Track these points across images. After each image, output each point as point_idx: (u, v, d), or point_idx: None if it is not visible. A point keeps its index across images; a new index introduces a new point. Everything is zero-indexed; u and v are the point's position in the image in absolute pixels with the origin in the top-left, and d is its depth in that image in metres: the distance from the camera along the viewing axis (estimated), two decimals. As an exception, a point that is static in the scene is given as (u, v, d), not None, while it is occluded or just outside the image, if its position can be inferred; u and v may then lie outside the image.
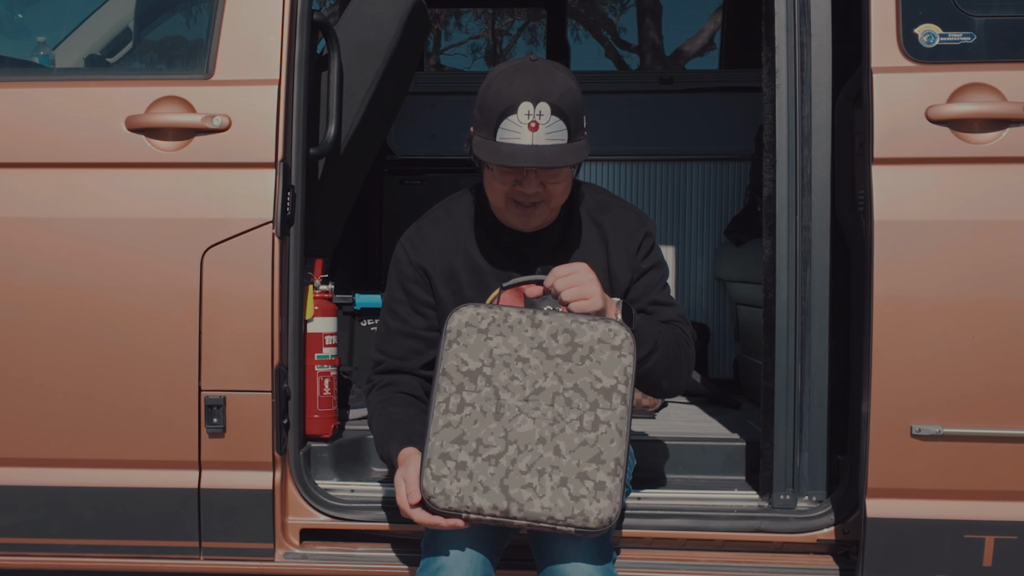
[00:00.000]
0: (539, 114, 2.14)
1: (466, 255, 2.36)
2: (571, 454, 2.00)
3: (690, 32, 11.44)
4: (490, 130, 2.18)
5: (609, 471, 1.99)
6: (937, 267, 2.45)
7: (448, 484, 2.00)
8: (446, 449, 2.02)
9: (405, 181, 4.44)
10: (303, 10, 2.65)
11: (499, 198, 2.26)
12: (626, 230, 2.38)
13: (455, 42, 14.03)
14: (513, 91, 2.15)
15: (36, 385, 2.61)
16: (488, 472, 2.00)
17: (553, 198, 2.25)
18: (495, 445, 2.02)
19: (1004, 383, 2.44)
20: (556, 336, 2.06)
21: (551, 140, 2.15)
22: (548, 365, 2.05)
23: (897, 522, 2.49)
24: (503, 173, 2.21)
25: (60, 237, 2.60)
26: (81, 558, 2.67)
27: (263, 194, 2.59)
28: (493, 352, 2.06)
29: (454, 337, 2.09)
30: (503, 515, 1.98)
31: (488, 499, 1.98)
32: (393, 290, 2.40)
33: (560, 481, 1.98)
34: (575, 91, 2.19)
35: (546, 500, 1.98)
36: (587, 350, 2.05)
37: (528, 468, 2.00)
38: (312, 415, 2.83)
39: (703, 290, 4.39)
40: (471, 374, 2.06)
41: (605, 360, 2.05)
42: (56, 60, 2.94)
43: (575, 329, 2.07)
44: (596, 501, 1.97)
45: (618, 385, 2.04)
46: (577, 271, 2.13)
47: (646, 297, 2.37)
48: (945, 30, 2.49)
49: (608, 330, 2.06)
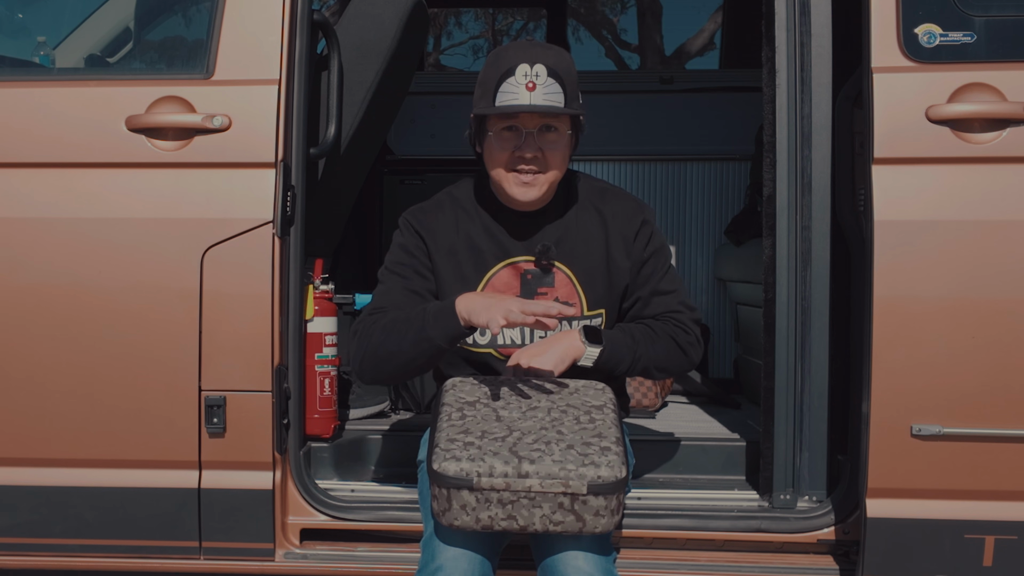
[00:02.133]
0: (536, 75, 2.22)
1: (467, 236, 2.39)
2: (573, 434, 2.09)
3: (690, 32, 11.41)
4: (489, 97, 2.24)
5: (612, 441, 2.08)
6: (937, 267, 2.45)
7: (458, 451, 2.04)
8: (453, 436, 2.08)
9: (405, 181, 4.44)
10: (303, 10, 2.65)
11: (499, 168, 2.30)
12: (624, 216, 2.41)
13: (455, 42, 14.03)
14: (510, 56, 2.25)
15: (36, 385, 2.61)
16: (497, 444, 2.05)
17: (551, 166, 2.30)
18: (499, 432, 2.09)
19: (1004, 383, 2.44)
20: (544, 385, 2.26)
21: (548, 100, 2.23)
22: (540, 396, 2.21)
23: (897, 522, 2.49)
24: (503, 139, 2.26)
25: (60, 237, 2.60)
26: (81, 558, 2.67)
27: (263, 194, 2.59)
28: (488, 392, 2.22)
29: (450, 387, 2.26)
30: (515, 472, 1.99)
31: (500, 459, 2.01)
32: (394, 254, 2.43)
33: (567, 446, 2.05)
34: (570, 61, 2.29)
35: (556, 456, 2.02)
36: (573, 389, 2.25)
37: (535, 441, 2.07)
38: (312, 415, 2.83)
39: (703, 290, 4.39)
40: (470, 403, 2.19)
41: (591, 394, 2.24)
42: (56, 60, 2.93)
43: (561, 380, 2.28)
44: (604, 455, 2.04)
45: (606, 405, 2.21)
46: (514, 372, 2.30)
47: (647, 287, 2.42)
48: (945, 30, 2.49)
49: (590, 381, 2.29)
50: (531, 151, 2.26)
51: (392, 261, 2.42)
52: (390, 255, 2.43)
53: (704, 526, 2.65)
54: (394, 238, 2.45)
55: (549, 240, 2.38)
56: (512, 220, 2.39)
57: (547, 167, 2.29)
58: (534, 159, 2.27)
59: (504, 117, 2.26)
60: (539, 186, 2.30)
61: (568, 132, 2.30)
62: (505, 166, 2.28)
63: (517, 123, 2.27)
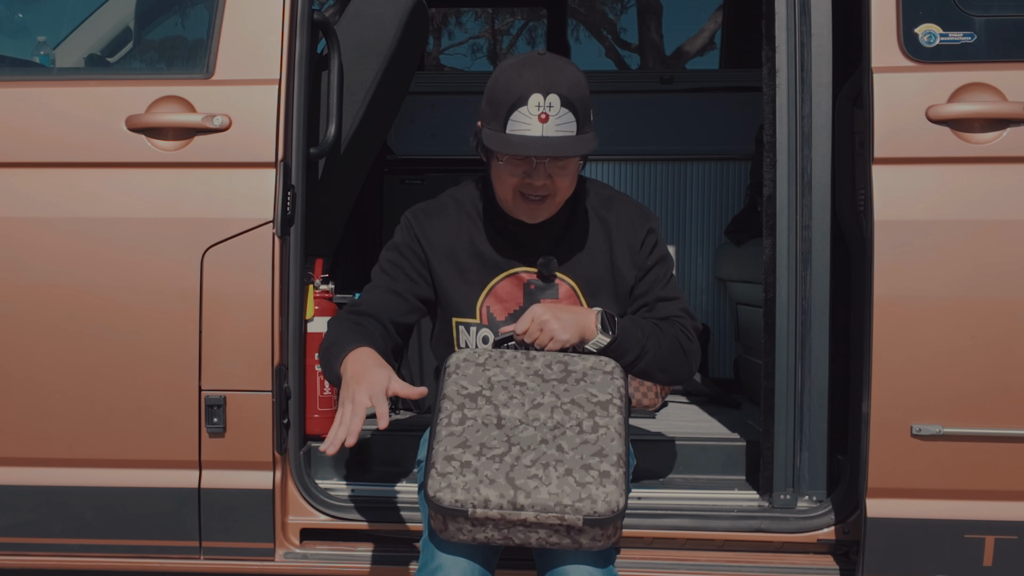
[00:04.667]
0: (549, 106, 2.16)
1: (470, 242, 2.37)
2: (574, 451, 2.04)
3: (690, 32, 11.43)
4: (500, 122, 2.19)
5: (612, 463, 2.03)
6: (937, 267, 2.45)
7: (454, 479, 2.01)
8: (450, 452, 2.04)
9: (405, 181, 4.44)
10: (303, 10, 2.65)
11: (507, 191, 2.26)
12: (630, 225, 2.38)
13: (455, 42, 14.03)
14: (523, 83, 2.18)
15: (37, 385, 2.61)
16: (493, 468, 2.02)
17: (560, 192, 2.26)
18: (499, 447, 2.04)
19: (1004, 383, 2.44)
20: (550, 366, 2.16)
21: (561, 132, 2.17)
22: (545, 387, 2.14)
23: (897, 522, 2.50)
24: (513, 165, 2.22)
25: (60, 237, 2.60)
26: (81, 558, 2.67)
27: (263, 194, 2.59)
28: (491, 379, 2.15)
29: (453, 370, 2.18)
30: (510, 505, 1.99)
31: (495, 489, 1.99)
32: (388, 252, 2.40)
33: (565, 471, 2.01)
34: (583, 84, 2.22)
35: (552, 487, 1.99)
36: (580, 375, 2.16)
37: (532, 463, 2.02)
38: (312, 415, 2.83)
39: (703, 290, 4.39)
40: (471, 396, 2.13)
41: (599, 382, 2.15)
42: (56, 60, 2.94)
43: (568, 360, 2.18)
44: (603, 486, 2.00)
45: (613, 399, 2.12)
46: (532, 320, 2.20)
47: (651, 294, 2.38)
48: (945, 30, 2.49)
49: (599, 360, 2.18)
50: (541, 179, 2.22)
51: (385, 259, 2.40)
52: (386, 251, 2.41)
53: (704, 526, 2.65)
54: (395, 233, 2.43)
55: (553, 250, 2.35)
56: (516, 229, 2.36)
57: (556, 192, 2.26)
58: (543, 186, 2.24)
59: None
60: (547, 208, 2.28)
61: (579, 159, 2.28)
62: (513, 190, 2.25)
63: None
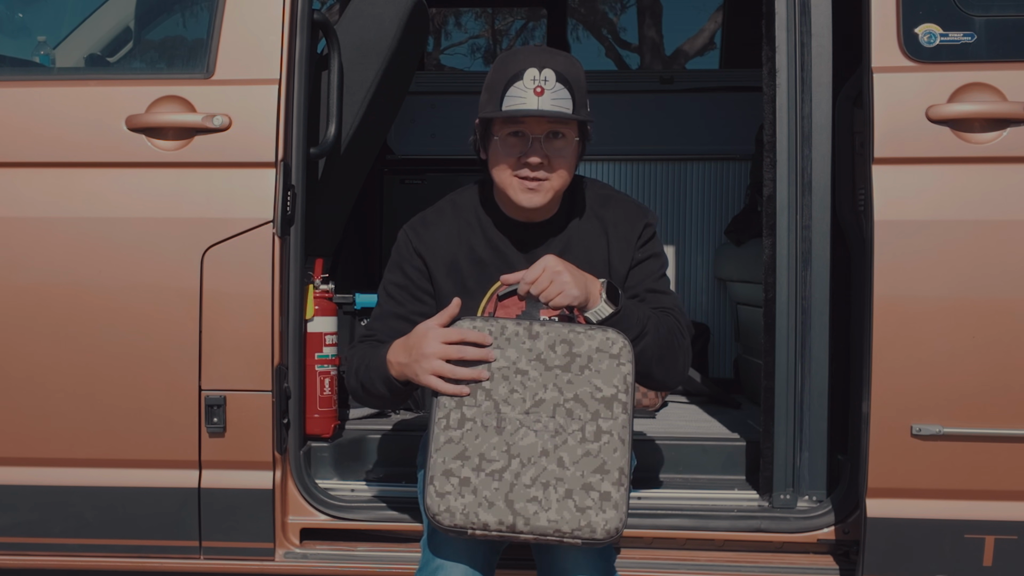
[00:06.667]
0: (544, 79, 2.18)
1: (469, 247, 2.36)
2: (575, 465, 2.02)
3: (690, 32, 11.43)
4: (496, 100, 2.20)
5: (614, 481, 2.00)
6: (937, 267, 2.45)
7: (452, 501, 2.01)
8: (449, 466, 2.03)
9: (405, 181, 4.44)
10: (303, 10, 2.65)
11: (504, 174, 2.25)
12: (626, 222, 2.38)
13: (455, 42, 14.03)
14: (518, 60, 2.21)
15: (36, 384, 2.61)
16: (492, 487, 2.01)
17: (556, 177, 2.25)
18: (498, 460, 2.03)
19: (1004, 383, 2.44)
20: (554, 347, 2.07)
21: (556, 106, 2.18)
22: (547, 377, 2.07)
23: (897, 522, 2.49)
24: (510, 145, 2.22)
25: (60, 237, 2.60)
26: (81, 558, 2.67)
27: (263, 194, 2.59)
28: (492, 365, 2.08)
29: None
30: (509, 530, 2.00)
31: (493, 514, 2.00)
32: (392, 273, 2.40)
33: (565, 493, 2.00)
34: (579, 68, 2.24)
35: (552, 513, 1.99)
36: (585, 360, 2.07)
37: (532, 481, 2.01)
38: (312, 415, 2.83)
39: (703, 290, 4.39)
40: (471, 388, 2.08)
41: (604, 369, 2.06)
42: (56, 59, 2.94)
43: (573, 339, 2.07)
44: (602, 512, 1.99)
45: (618, 394, 2.05)
46: (544, 269, 2.13)
47: (642, 284, 2.36)
48: (945, 30, 2.49)
49: (606, 339, 2.07)
50: (537, 157, 2.21)
51: (389, 281, 2.39)
52: (388, 272, 2.40)
53: (704, 526, 2.65)
54: (393, 251, 2.41)
55: (552, 252, 2.34)
56: (515, 231, 2.36)
57: (552, 173, 2.25)
58: (540, 165, 2.22)
59: (510, 122, 2.22)
60: (544, 192, 2.26)
61: (575, 139, 2.26)
62: (510, 171, 2.25)
63: (523, 128, 2.22)
